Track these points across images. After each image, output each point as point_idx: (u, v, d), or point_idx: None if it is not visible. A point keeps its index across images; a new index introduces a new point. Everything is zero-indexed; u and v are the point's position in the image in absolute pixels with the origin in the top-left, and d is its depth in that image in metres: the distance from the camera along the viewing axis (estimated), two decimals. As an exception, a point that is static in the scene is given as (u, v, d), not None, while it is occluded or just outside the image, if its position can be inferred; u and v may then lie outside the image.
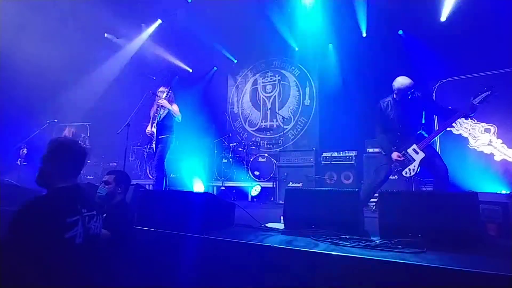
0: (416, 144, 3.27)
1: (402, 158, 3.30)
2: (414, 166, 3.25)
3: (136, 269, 2.30)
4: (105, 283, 2.11)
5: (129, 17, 7.44)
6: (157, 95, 4.49)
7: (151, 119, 4.53)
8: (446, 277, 1.45)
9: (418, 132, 3.33)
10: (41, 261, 1.30)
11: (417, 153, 3.25)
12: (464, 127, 5.30)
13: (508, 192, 4.32)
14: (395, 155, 3.33)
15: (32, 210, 1.34)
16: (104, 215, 2.33)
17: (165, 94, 4.39)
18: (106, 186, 2.40)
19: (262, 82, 8.28)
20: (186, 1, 6.71)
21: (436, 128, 5.19)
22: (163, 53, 8.38)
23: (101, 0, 6.55)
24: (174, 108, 4.40)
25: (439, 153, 3.55)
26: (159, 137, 4.35)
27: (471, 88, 5.08)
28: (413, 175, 3.30)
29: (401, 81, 3.34)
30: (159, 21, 7.74)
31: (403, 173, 3.33)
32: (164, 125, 4.39)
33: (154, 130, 4.36)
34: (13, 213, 1.30)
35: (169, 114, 4.39)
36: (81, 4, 6.56)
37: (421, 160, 3.23)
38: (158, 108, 4.43)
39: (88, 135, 7.47)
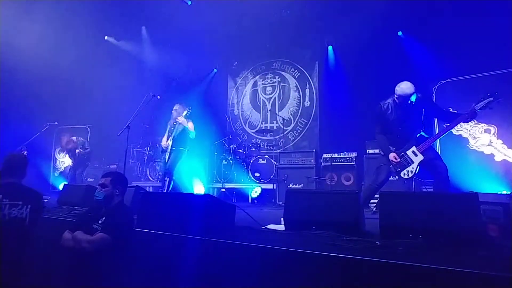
0: (416, 147, 3.27)
1: (399, 159, 3.31)
2: (413, 168, 3.26)
3: (136, 271, 2.30)
4: (106, 284, 2.11)
5: (129, 20, 7.47)
6: (174, 110, 4.91)
7: (167, 132, 4.97)
8: (447, 278, 1.45)
9: (418, 135, 3.33)
10: None
11: (416, 155, 3.26)
12: (464, 127, 5.30)
13: (508, 192, 4.31)
14: (391, 156, 3.34)
15: None
16: (103, 218, 2.33)
17: (185, 113, 4.76)
18: (103, 189, 2.38)
19: (262, 84, 8.29)
20: (186, 3, 6.73)
21: (436, 131, 5.19)
22: (163, 55, 8.39)
23: (102, 2, 6.57)
24: (190, 125, 4.81)
25: (439, 154, 3.55)
26: (173, 148, 4.80)
27: (471, 88, 5.09)
28: (411, 176, 3.30)
29: (404, 89, 3.27)
30: (159, 23, 7.76)
31: (401, 174, 3.33)
32: (180, 139, 4.85)
33: (170, 143, 4.82)
34: None
35: (185, 130, 4.81)
36: (81, 6, 6.57)
37: (419, 162, 3.23)
38: (175, 123, 4.86)
39: (89, 137, 7.48)
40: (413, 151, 3.28)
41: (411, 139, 3.32)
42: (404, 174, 3.31)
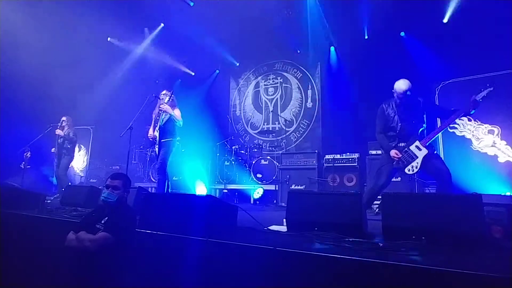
0: (419, 141, 3.27)
1: (401, 155, 3.31)
2: (417, 163, 3.25)
3: (138, 271, 2.30)
4: (109, 285, 2.12)
5: (132, 21, 7.50)
6: (159, 98, 4.50)
7: (153, 122, 4.55)
8: (450, 280, 1.44)
9: (420, 130, 3.35)
10: None
11: (420, 149, 3.26)
12: (467, 128, 5.27)
13: (512, 194, 4.28)
14: (393, 152, 3.35)
15: None
16: (106, 218, 2.34)
17: (167, 99, 4.36)
18: (116, 192, 2.39)
19: (264, 85, 8.29)
20: (188, 5, 6.75)
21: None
22: (165, 57, 8.43)
23: (104, 4, 6.60)
24: (176, 113, 4.39)
25: (441, 156, 3.54)
26: (162, 140, 4.34)
27: (473, 89, 5.03)
28: (416, 172, 3.28)
29: (399, 85, 3.39)
30: (162, 25, 7.80)
31: (406, 170, 3.31)
32: (167, 129, 4.38)
33: (157, 134, 4.36)
34: None
35: (171, 118, 4.38)
36: (84, 8, 6.61)
37: (424, 156, 3.22)
38: (160, 112, 4.42)
39: (91, 138, 7.50)
40: (416, 146, 3.28)
41: (413, 135, 3.33)
42: (409, 170, 3.30)
